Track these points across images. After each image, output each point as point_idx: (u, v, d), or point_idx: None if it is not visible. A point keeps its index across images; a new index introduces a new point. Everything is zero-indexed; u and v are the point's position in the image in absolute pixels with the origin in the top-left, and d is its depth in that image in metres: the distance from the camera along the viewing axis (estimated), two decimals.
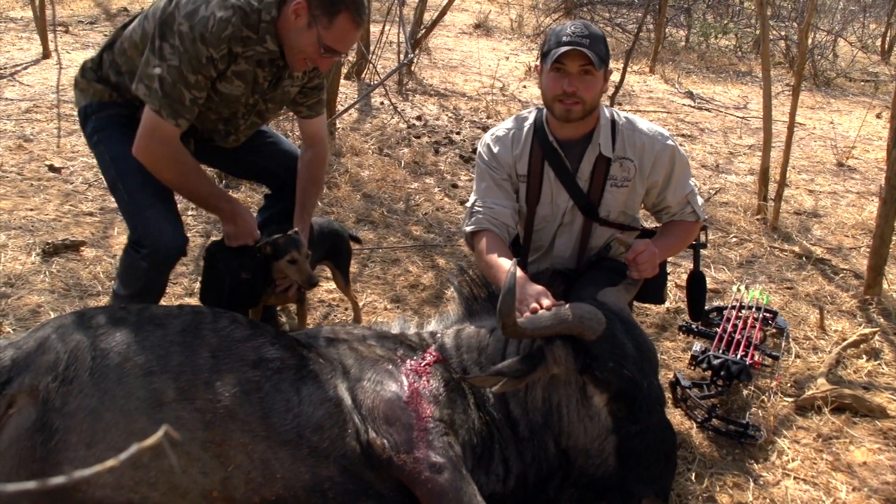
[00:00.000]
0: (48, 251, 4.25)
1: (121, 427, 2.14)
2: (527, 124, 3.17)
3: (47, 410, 2.15)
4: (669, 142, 3.14)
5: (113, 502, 2.12)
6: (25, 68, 7.86)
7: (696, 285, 3.48)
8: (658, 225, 3.33)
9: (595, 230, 3.22)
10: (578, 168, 3.12)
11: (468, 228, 3.10)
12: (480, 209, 3.07)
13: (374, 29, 8.92)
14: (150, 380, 2.22)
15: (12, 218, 4.70)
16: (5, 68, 7.93)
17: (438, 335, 2.78)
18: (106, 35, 9.82)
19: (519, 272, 2.63)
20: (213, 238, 4.21)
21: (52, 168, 5.49)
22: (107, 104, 3.03)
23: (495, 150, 3.16)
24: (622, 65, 7.82)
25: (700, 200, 3.24)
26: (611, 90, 7.89)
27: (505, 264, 2.76)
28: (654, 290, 3.29)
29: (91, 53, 3.23)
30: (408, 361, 2.59)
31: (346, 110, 6.94)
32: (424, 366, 2.59)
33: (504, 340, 2.64)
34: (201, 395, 2.23)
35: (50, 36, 8.44)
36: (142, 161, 2.86)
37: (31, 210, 4.84)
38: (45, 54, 8.31)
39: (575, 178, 3.12)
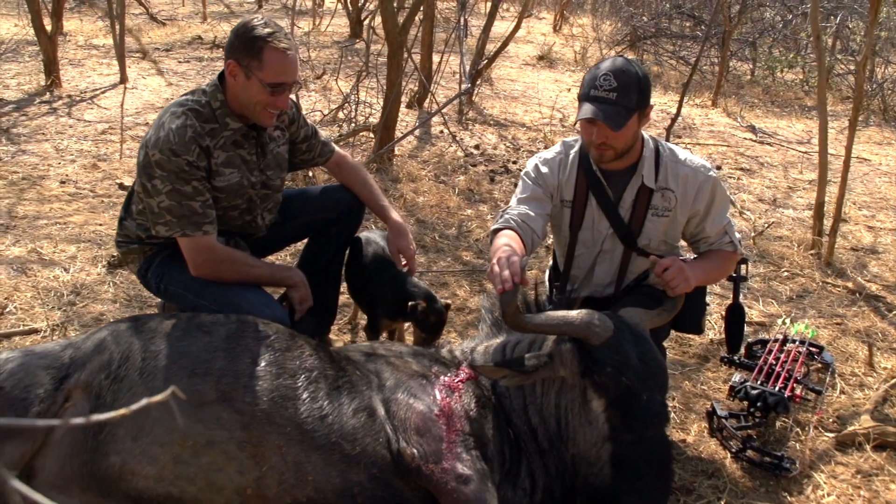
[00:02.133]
0: (113, 264, 4.49)
1: (164, 424, 2.29)
2: (573, 152, 3.26)
3: (99, 405, 2.33)
4: (712, 173, 3.19)
5: (154, 493, 2.27)
6: (104, 92, 8.25)
7: (734, 318, 3.50)
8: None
9: (635, 259, 3.27)
10: (621, 197, 3.19)
11: (494, 226, 3.15)
12: (512, 212, 3.14)
13: (437, 59, 9.11)
14: (193, 381, 2.37)
15: (83, 232, 4.98)
16: (86, 92, 8.35)
17: (469, 353, 2.87)
18: (180, 61, 10.27)
19: (514, 244, 2.81)
20: None
21: (121, 186, 5.78)
22: (152, 257, 3.25)
23: (543, 170, 3.25)
24: (679, 97, 7.81)
25: (738, 234, 3.26)
26: (667, 122, 7.90)
27: (504, 248, 2.80)
28: (691, 320, 3.32)
29: (165, 79, 3.46)
30: (441, 377, 2.68)
31: (401, 139, 7.11)
32: (457, 382, 2.68)
33: (526, 349, 2.72)
34: (241, 398, 2.36)
35: (128, 61, 8.86)
36: (203, 276, 3.08)
37: (101, 225, 5.11)
38: (123, 79, 8.72)
39: (617, 207, 3.19)
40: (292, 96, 3.29)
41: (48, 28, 8.50)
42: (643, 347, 2.55)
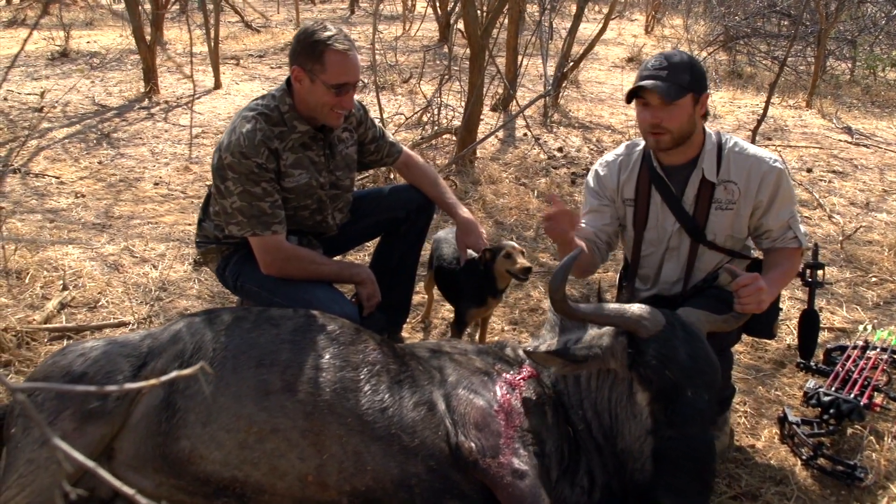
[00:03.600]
0: (199, 262, 4.66)
1: (232, 411, 2.41)
2: (637, 150, 3.27)
3: (172, 392, 2.46)
4: (777, 164, 3.12)
5: (221, 477, 2.40)
6: (199, 98, 8.60)
7: (808, 323, 3.42)
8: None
9: (702, 254, 3.23)
10: (683, 192, 3.17)
11: None
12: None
13: (522, 61, 9.14)
14: (260, 371, 2.48)
15: (173, 231, 5.23)
16: (182, 98, 8.71)
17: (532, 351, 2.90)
18: (272, 67, 10.58)
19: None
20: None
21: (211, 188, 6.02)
22: (229, 256, 3.42)
23: (602, 173, 3.30)
24: (766, 98, 7.59)
25: (803, 228, 3.17)
26: (754, 123, 7.71)
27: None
28: (763, 324, 3.25)
29: (257, 84, 3.63)
30: (504, 374, 2.74)
31: (481, 140, 7.15)
32: (519, 379, 2.72)
33: (587, 346, 2.73)
34: (304, 389, 2.47)
35: (223, 68, 9.20)
36: (272, 274, 3.22)
37: (189, 225, 5.35)
38: (217, 85, 9.06)
39: (680, 201, 3.17)
40: (360, 98, 3.39)
41: (148, 38, 8.92)
42: (694, 346, 2.54)
